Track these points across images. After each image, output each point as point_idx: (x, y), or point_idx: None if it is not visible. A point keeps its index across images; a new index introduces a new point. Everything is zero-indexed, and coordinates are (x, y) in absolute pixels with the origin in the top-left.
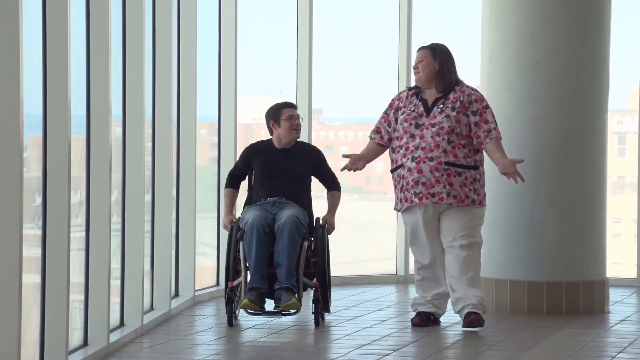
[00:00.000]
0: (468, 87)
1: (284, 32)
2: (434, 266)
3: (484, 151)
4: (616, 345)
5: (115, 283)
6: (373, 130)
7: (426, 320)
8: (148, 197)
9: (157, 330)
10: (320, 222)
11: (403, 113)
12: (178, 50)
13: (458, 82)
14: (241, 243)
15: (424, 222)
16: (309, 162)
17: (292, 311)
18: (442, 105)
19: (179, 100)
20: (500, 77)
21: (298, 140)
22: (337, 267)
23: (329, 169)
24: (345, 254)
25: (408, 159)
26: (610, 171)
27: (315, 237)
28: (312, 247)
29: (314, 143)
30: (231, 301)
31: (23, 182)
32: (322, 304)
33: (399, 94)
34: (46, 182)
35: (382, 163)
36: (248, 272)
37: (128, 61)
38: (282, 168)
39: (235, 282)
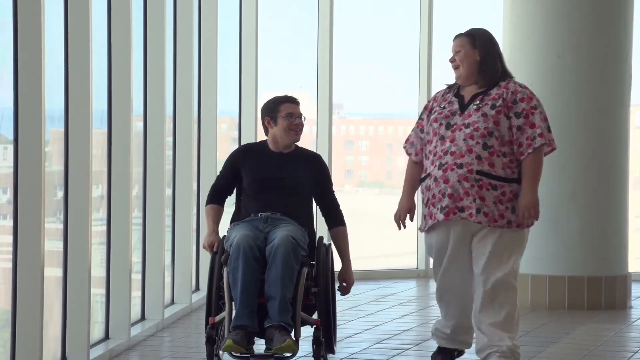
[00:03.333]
0: (515, 83)
1: (305, 27)
2: (459, 300)
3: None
4: (638, 340)
5: (136, 277)
6: (406, 141)
7: (450, 358)
8: (169, 192)
9: (178, 324)
10: (337, 282)
11: (434, 112)
12: (199, 45)
13: (504, 76)
14: (225, 269)
15: (452, 242)
16: (309, 173)
17: (287, 355)
18: (479, 102)
19: (199, 95)
20: (522, 72)
21: (298, 145)
22: (358, 262)
23: (331, 186)
24: (365, 249)
25: (435, 166)
26: (633, 166)
27: (317, 260)
28: (314, 274)
29: (334, 138)
30: (212, 341)
31: (45, 177)
32: (324, 345)
33: (436, 93)
34: (67, 177)
35: (403, 158)
36: (233, 304)
37: (149, 56)
38: (279, 177)
39: (218, 318)
